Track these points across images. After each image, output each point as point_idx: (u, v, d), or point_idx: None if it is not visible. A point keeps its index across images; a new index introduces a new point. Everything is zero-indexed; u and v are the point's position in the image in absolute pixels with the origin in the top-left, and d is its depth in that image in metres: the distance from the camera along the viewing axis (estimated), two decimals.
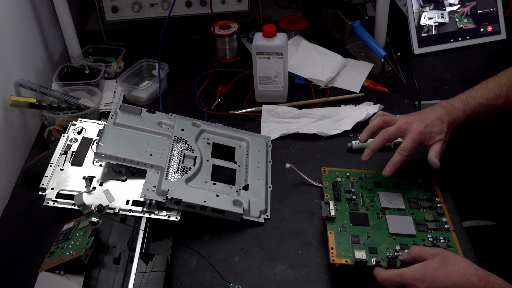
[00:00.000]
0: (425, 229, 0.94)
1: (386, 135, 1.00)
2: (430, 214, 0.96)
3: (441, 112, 1.00)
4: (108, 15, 1.50)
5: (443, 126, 0.99)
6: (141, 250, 0.89)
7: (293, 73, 1.34)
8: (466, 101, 1.02)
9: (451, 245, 0.91)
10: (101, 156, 0.98)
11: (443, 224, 0.95)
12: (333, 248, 0.90)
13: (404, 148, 0.97)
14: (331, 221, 0.95)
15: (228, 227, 0.98)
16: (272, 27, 1.19)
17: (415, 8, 1.44)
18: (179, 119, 1.12)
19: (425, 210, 0.97)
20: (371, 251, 0.90)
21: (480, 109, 1.01)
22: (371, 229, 0.94)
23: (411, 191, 1.01)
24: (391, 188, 1.02)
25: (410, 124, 0.99)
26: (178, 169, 1.00)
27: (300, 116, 1.22)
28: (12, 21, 1.21)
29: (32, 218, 1.02)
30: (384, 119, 1.02)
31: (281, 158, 1.14)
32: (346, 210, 0.97)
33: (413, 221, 0.95)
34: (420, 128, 0.98)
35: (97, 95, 1.25)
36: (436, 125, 0.98)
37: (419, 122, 0.99)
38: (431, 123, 0.98)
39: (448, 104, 1.02)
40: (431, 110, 1.01)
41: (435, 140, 0.98)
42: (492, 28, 1.48)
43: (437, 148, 0.98)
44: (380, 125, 1.02)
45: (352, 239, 0.92)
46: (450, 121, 1.00)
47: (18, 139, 1.18)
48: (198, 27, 1.60)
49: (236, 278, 0.90)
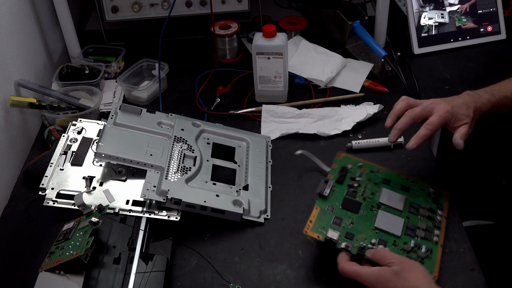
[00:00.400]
0: (413, 234, 0.91)
1: (412, 115, 0.97)
2: (425, 223, 0.94)
3: (468, 98, 0.99)
4: (108, 15, 1.50)
5: (470, 111, 0.97)
6: (141, 250, 0.89)
7: (293, 73, 1.34)
8: (491, 92, 1.02)
9: (431, 257, 0.89)
10: (101, 156, 0.98)
11: (433, 236, 0.92)
12: (311, 221, 0.92)
13: (431, 122, 0.95)
14: (323, 199, 0.95)
15: (228, 227, 0.98)
16: (272, 27, 1.19)
17: (415, 8, 1.44)
18: (179, 119, 1.12)
19: (422, 218, 0.95)
20: (347, 236, 0.90)
21: (506, 102, 1.01)
22: (358, 218, 0.94)
23: (418, 197, 0.99)
24: (399, 189, 1.00)
25: (437, 103, 0.97)
26: (178, 169, 1.00)
27: (300, 116, 1.22)
28: (12, 21, 1.21)
29: (32, 218, 1.02)
30: (408, 102, 1.00)
31: (281, 158, 1.14)
32: (343, 194, 0.97)
33: (403, 224, 0.92)
34: (448, 107, 0.96)
35: (97, 95, 1.25)
36: (463, 108, 0.97)
37: (445, 102, 0.97)
38: (458, 105, 0.97)
39: (474, 93, 1.01)
40: (457, 96, 1.00)
41: (461, 122, 0.96)
42: (492, 28, 1.48)
43: (463, 130, 0.96)
44: (404, 108, 1.00)
45: (334, 220, 0.93)
46: (476, 107, 0.98)
47: (18, 139, 1.18)
48: (198, 27, 1.60)
49: (236, 278, 0.90)
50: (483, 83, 1.33)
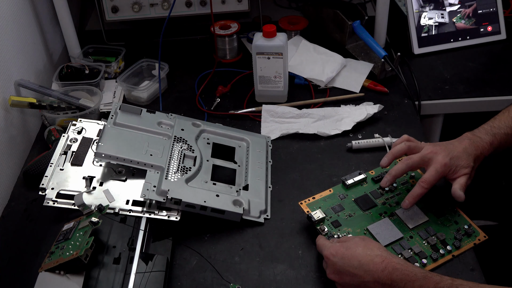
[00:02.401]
0: (398, 251, 0.90)
1: (409, 163, 0.95)
2: (422, 249, 0.90)
3: (468, 144, 0.96)
4: (108, 15, 1.50)
5: (470, 160, 0.94)
6: (141, 250, 0.89)
7: (293, 73, 1.34)
8: (491, 132, 0.98)
9: None
10: (101, 156, 0.98)
11: (418, 263, 0.89)
12: (314, 198, 0.99)
13: (426, 180, 0.92)
14: (344, 186, 0.99)
15: (228, 227, 0.98)
16: (272, 27, 1.19)
17: (415, 8, 1.44)
18: (179, 119, 1.12)
19: (425, 245, 0.91)
20: (333, 223, 0.95)
21: (507, 139, 0.98)
22: (361, 215, 0.96)
23: (440, 226, 0.94)
24: (429, 211, 0.96)
25: (436, 154, 0.94)
26: (178, 169, 1.00)
27: (300, 116, 1.22)
28: (12, 21, 1.21)
29: (32, 218, 1.02)
30: (409, 145, 0.97)
31: (281, 158, 1.14)
32: (367, 191, 1.00)
33: (398, 239, 0.92)
34: (446, 160, 0.93)
35: (97, 95, 1.25)
36: (463, 158, 0.94)
37: (445, 153, 0.94)
38: (457, 155, 0.94)
39: (474, 136, 0.97)
40: (458, 142, 0.97)
41: (460, 173, 0.94)
42: (492, 28, 1.48)
43: (462, 182, 0.93)
44: (404, 151, 0.97)
45: (335, 206, 0.97)
46: (477, 154, 0.95)
47: (18, 139, 1.18)
48: (198, 27, 1.60)
49: (236, 278, 0.90)
50: (483, 83, 1.33)
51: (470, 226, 0.94)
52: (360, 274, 0.81)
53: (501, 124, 0.99)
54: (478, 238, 0.93)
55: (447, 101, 1.30)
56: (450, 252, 0.91)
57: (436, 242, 0.92)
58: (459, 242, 0.92)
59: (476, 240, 0.93)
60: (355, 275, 0.81)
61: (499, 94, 1.30)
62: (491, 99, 1.29)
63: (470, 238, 0.93)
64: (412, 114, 1.24)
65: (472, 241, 0.93)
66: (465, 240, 0.93)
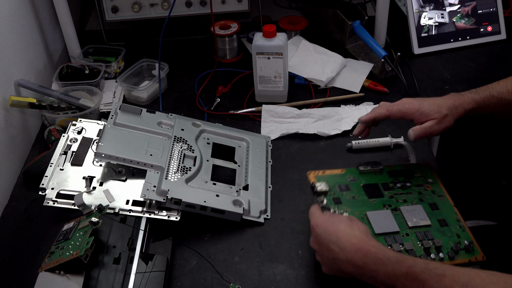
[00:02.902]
0: (389, 242, 0.89)
1: (376, 110, 1.01)
2: (413, 247, 0.89)
3: (447, 97, 0.99)
4: (108, 15, 1.50)
5: (442, 108, 0.97)
6: (141, 250, 0.89)
7: (293, 73, 1.34)
8: (476, 91, 1.01)
9: None
10: (101, 156, 0.98)
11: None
12: (324, 172, 1.02)
13: (390, 105, 0.99)
14: (357, 171, 1.02)
15: (228, 227, 0.98)
16: (272, 27, 1.19)
17: (415, 8, 1.44)
18: (179, 119, 1.12)
19: (418, 245, 0.89)
20: (335, 199, 0.97)
21: (491, 100, 0.99)
22: (363, 201, 0.96)
23: (440, 234, 0.91)
24: (436, 221, 0.93)
25: (403, 101, 1.00)
26: (178, 169, 1.00)
27: (300, 116, 1.22)
28: (12, 21, 1.21)
29: (32, 218, 1.02)
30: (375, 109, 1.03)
31: (281, 158, 1.14)
32: (378, 182, 1.00)
33: (393, 232, 0.91)
34: (414, 101, 0.98)
35: (97, 95, 1.25)
36: (434, 105, 0.97)
37: (416, 100, 0.99)
38: (429, 102, 0.98)
39: (457, 94, 1.01)
40: (436, 98, 1.00)
41: (428, 118, 0.97)
42: (492, 28, 1.48)
43: (425, 125, 0.96)
44: (384, 115, 1.01)
45: (342, 186, 0.98)
46: (454, 104, 0.98)
47: (18, 139, 1.18)
48: (198, 27, 1.60)
49: (236, 278, 0.90)
50: (483, 83, 1.32)
51: (471, 244, 0.90)
52: (336, 250, 0.80)
53: (488, 87, 1.01)
54: (475, 257, 0.88)
55: None
56: (442, 259, 0.88)
57: (431, 247, 0.89)
58: (454, 254, 0.88)
59: (473, 257, 0.88)
60: (331, 250, 0.81)
61: None
62: None
63: (468, 254, 0.89)
64: None
65: (468, 258, 0.88)
66: (462, 254, 0.89)
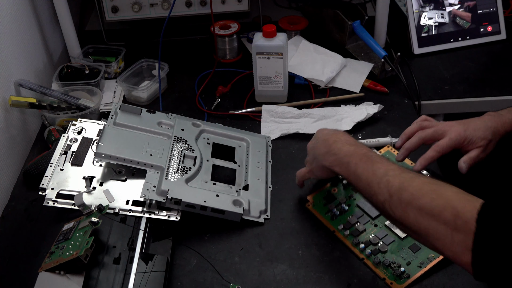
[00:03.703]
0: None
1: (422, 135, 0.96)
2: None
3: (487, 118, 0.97)
4: (108, 15, 1.50)
5: (487, 132, 0.94)
6: (141, 250, 0.89)
7: (293, 73, 1.34)
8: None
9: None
10: (101, 156, 0.98)
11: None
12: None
13: (439, 144, 0.94)
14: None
15: (228, 227, 0.98)
16: (272, 27, 1.19)
17: (415, 8, 1.44)
18: (179, 119, 1.12)
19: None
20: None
21: None
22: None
23: None
24: None
25: (450, 126, 0.95)
26: (178, 169, 1.00)
27: (300, 116, 1.22)
28: (12, 21, 1.21)
29: (32, 218, 1.02)
30: (420, 124, 0.99)
31: (281, 158, 1.14)
32: None
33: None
34: (460, 130, 0.94)
35: (97, 95, 1.25)
36: (480, 130, 0.94)
37: (460, 125, 0.95)
38: (474, 127, 0.94)
39: (496, 113, 0.98)
40: (477, 118, 0.97)
41: (474, 145, 0.94)
42: (492, 28, 1.48)
43: (473, 154, 0.94)
44: (417, 129, 0.99)
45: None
46: (497, 128, 0.95)
47: (18, 139, 1.18)
48: (198, 27, 1.60)
49: (236, 278, 0.90)
50: (483, 83, 1.33)
51: None
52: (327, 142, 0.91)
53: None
54: None
55: (447, 101, 1.30)
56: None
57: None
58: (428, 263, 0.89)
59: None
60: (315, 147, 0.94)
61: (499, 94, 1.30)
62: (491, 99, 1.29)
63: None
64: (412, 114, 1.24)
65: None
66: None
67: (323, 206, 1.00)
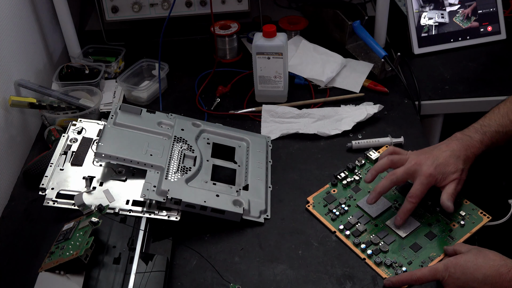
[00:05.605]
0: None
1: (393, 179, 0.94)
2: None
3: (456, 146, 0.94)
4: (108, 15, 1.50)
5: (458, 164, 0.92)
6: (141, 250, 0.89)
7: (293, 73, 1.34)
8: (482, 131, 0.96)
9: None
10: (101, 156, 0.98)
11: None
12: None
13: (413, 195, 0.91)
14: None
15: (228, 227, 0.98)
16: (272, 27, 1.19)
17: (415, 8, 1.44)
18: (179, 119, 1.12)
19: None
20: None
21: (497, 137, 0.96)
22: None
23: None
24: (426, 225, 0.96)
25: (420, 165, 0.92)
26: (178, 169, 1.00)
27: (300, 116, 1.22)
28: (12, 21, 1.21)
29: (32, 218, 1.02)
30: (391, 159, 0.96)
31: (281, 158, 1.14)
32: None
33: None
34: (430, 170, 0.91)
35: (97, 95, 1.25)
36: (450, 163, 0.92)
37: (429, 162, 0.92)
38: (443, 161, 0.92)
39: (464, 136, 0.96)
40: (445, 145, 0.95)
41: (448, 180, 0.92)
42: (492, 28, 1.48)
43: (450, 190, 0.91)
44: (387, 166, 0.96)
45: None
46: (467, 155, 0.93)
47: (18, 139, 1.18)
48: (198, 27, 1.60)
49: (236, 278, 0.90)
50: (483, 83, 1.33)
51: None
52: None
53: (491, 122, 0.97)
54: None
55: (447, 101, 1.30)
56: None
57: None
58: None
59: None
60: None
61: (499, 94, 1.29)
62: (491, 99, 1.29)
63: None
64: (412, 114, 1.24)
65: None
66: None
67: (323, 207, 1.00)
